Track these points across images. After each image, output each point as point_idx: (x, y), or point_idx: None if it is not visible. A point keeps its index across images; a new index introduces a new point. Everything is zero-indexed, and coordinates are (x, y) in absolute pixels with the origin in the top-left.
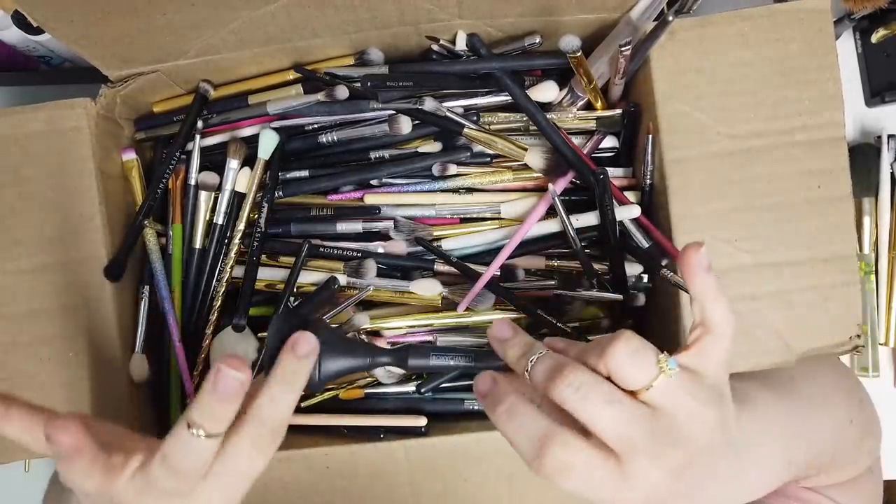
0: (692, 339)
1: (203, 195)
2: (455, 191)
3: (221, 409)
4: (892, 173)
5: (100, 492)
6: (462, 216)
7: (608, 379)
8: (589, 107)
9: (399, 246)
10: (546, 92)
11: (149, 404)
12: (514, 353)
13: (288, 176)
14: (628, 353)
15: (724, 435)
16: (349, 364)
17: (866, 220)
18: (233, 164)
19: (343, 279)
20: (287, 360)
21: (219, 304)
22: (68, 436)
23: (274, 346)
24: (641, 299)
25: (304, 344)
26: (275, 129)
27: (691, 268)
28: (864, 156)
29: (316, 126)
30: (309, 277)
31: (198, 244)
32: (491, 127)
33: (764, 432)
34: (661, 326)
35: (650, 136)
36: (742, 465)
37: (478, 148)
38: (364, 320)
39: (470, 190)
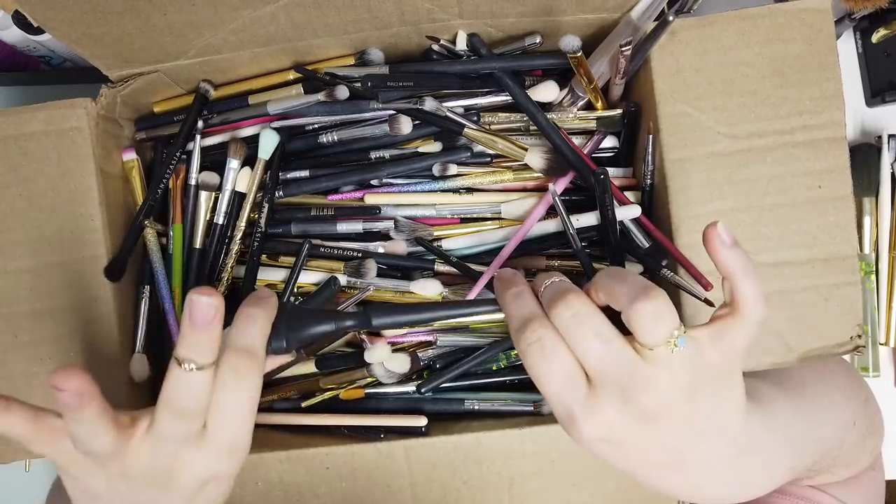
0: (716, 316)
1: (203, 195)
2: (455, 191)
3: (204, 339)
4: (892, 173)
5: (113, 451)
6: (462, 216)
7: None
8: (589, 107)
9: (399, 246)
10: (546, 92)
11: (149, 404)
12: (540, 280)
13: (288, 176)
14: (652, 315)
15: (715, 421)
16: (315, 331)
17: (867, 220)
18: (233, 163)
19: (343, 279)
20: (250, 296)
21: None
22: (76, 380)
23: None
24: None
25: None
26: (275, 128)
27: (712, 245)
28: (864, 156)
29: (316, 126)
30: (309, 277)
31: (198, 244)
32: (491, 127)
33: (774, 435)
34: None
35: (650, 136)
36: (747, 463)
37: (478, 148)
38: None
39: (470, 190)
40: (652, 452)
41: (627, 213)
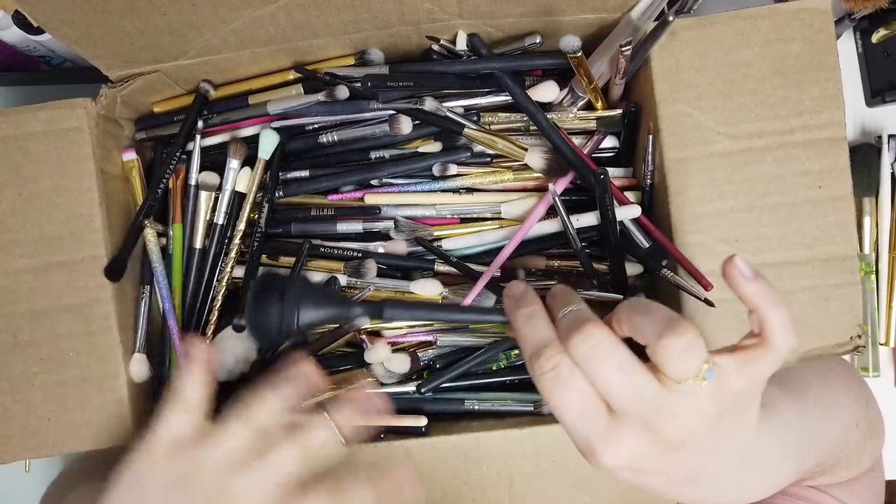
0: (744, 345)
1: (203, 195)
2: (455, 191)
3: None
4: (892, 173)
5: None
6: (462, 216)
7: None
8: (589, 107)
9: (399, 246)
10: (546, 92)
11: (149, 404)
12: (557, 303)
13: (288, 176)
14: (681, 350)
15: (733, 440)
16: (325, 313)
17: (867, 220)
18: (233, 163)
19: (343, 279)
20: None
21: (219, 304)
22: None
23: (253, 311)
24: None
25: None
26: (275, 128)
27: (734, 281)
28: (864, 156)
29: (316, 126)
30: (309, 277)
31: (198, 244)
32: (491, 127)
33: (781, 439)
34: None
35: (650, 136)
36: (754, 469)
37: (478, 148)
38: (364, 321)
39: (470, 190)
40: (669, 473)
41: (627, 213)
